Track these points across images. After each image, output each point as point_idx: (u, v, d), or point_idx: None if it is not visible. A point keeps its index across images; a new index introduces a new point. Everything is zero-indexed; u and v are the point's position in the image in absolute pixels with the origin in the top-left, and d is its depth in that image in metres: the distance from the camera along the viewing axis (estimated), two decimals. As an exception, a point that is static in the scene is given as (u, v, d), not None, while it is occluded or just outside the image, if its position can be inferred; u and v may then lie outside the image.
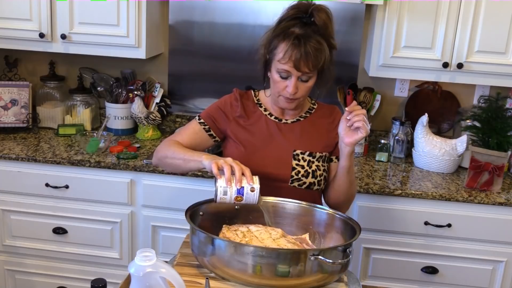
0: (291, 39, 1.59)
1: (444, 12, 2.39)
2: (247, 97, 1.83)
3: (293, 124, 1.79)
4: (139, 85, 2.80)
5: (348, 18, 2.76)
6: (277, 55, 1.63)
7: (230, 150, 1.78)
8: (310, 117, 1.81)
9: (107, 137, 2.56)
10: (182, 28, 2.87)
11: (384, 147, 2.65)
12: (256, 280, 1.29)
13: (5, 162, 2.46)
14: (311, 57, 1.58)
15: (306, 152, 1.74)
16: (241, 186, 1.44)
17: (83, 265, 2.57)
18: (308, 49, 1.58)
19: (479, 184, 2.34)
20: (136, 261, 1.15)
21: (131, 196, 2.45)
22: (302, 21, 1.63)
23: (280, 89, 1.67)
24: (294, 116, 1.80)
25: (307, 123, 1.80)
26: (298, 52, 1.58)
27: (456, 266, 2.37)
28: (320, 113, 1.83)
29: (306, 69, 1.60)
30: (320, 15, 1.62)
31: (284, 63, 1.61)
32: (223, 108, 1.80)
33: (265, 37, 1.71)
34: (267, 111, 1.80)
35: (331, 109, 1.85)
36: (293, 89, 1.63)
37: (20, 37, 2.61)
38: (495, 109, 2.44)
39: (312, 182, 1.73)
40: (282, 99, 1.70)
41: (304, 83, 1.65)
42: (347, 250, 1.33)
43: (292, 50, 1.59)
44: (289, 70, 1.62)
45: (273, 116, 1.79)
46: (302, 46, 1.58)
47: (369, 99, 2.70)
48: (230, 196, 1.44)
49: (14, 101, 2.78)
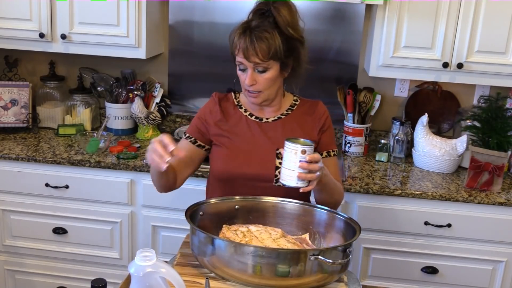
0: (239, 32, 1.63)
1: (444, 12, 2.39)
2: (226, 99, 1.83)
3: (275, 123, 1.78)
4: (139, 85, 2.81)
5: (348, 18, 2.76)
6: (235, 49, 1.67)
7: (215, 155, 1.79)
8: (292, 114, 1.80)
9: (107, 137, 2.56)
10: (182, 28, 2.87)
11: (384, 147, 2.65)
12: (256, 280, 1.29)
13: (5, 162, 2.46)
14: (257, 46, 1.60)
15: None
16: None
17: (83, 265, 2.57)
18: (253, 38, 1.60)
19: (479, 184, 2.34)
20: (136, 261, 1.15)
21: (131, 196, 2.45)
22: (263, 14, 1.65)
23: (242, 83, 1.70)
24: (275, 114, 1.80)
25: (289, 120, 1.79)
26: (244, 42, 1.61)
27: (456, 266, 2.37)
28: (302, 110, 1.82)
29: (256, 58, 1.61)
30: (278, 7, 1.64)
31: (237, 55, 1.65)
32: (204, 117, 1.81)
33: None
34: (247, 112, 1.80)
35: (314, 105, 1.83)
36: (249, 80, 1.65)
37: (20, 37, 2.61)
38: (495, 109, 2.44)
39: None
40: (247, 93, 1.72)
41: (261, 75, 1.65)
42: (347, 250, 1.33)
43: (239, 40, 1.62)
44: (242, 61, 1.65)
45: (253, 116, 1.79)
46: (247, 35, 1.61)
47: (369, 99, 2.70)
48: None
49: (14, 101, 2.78)
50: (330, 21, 2.78)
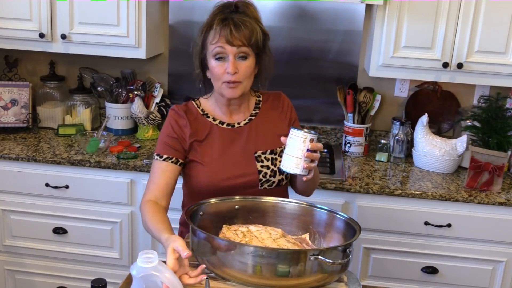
0: (216, 20, 1.60)
1: (444, 12, 2.39)
2: (189, 111, 1.73)
3: (246, 126, 1.74)
4: (139, 85, 2.81)
5: (348, 18, 2.76)
6: (209, 42, 1.62)
7: (194, 173, 1.70)
8: (260, 113, 1.76)
9: (107, 137, 2.56)
10: (182, 28, 2.87)
11: (384, 147, 2.65)
12: (256, 280, 1.29)
13: (5, 162, 2.46)
14: (241, 29, 1.58)
15: (267, 151, 1.71)
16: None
17: (83, 265, 2.57)
18: (236, 21, 1.58)
19: (479, 184, 2.34)
20: (138, 263, 1.15)
21: (131, 196, 2.45)
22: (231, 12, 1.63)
23: (220, 75, 1.61)
24: (244, 116, 1.75)
25: (259, 120, 1.75)
26: (227, 27, 1.57)
27: (456, 266, 2.37)
28: (267, 105, 1.79)
29: (239, 41, 1.58)
30: (244, 5, 1.63)
31: (216, 42, 1.59)
32: (176, 133, 1.69)
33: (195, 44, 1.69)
34: (216, 120, 1.73)
35: (277, 97, 1.81)
36: (232, 67, 1.58)
37: (20, 37, 2.61)
38: (495, 109, 2.44)
39: (281, 179, 1.71)
40: (224, 87, 1.62)
41: (243, 62, 1.61)
42: (347, 250, 1.33)
43: (221, 27, 1.58)
44: (223, 47, 1.58)
45: (224, 123, 1.72)
46: (229, 20, 1.58)
47: (369, 99, 2.70)
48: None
49: (14, 101, 2.78)
50: (330, 21, 2.78)
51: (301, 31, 2.79)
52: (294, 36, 2.81)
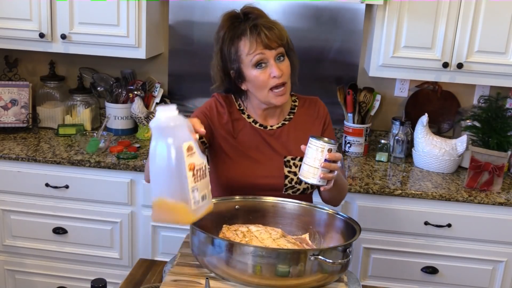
0: (248, 30, 1.59)
1: (444, 12, 2.39)
2: (230, 103, 1.74)
3: (279, 130, 1.73)
4: (139, 85, 2.81)
5: (348, 18, 2.76)
6: (243, 54, 1.60)
7: (220, 161, 1.71)
8: (294, 118, 1.75)
9: (107, 137, 2.56)
10: (182, 28, 2.87)
11: (384, 147, 2.65)
12: (256, 280, 1.29)
13: (5, 162, 2.46)
14: (275, 30, 1.58)
15: (297, 157, 1.70)
16: None
17: (83, 265, 2.57)
18: (267, 25, 1.58)
19: (479, 184, 2.34)
20: (157, 115, 1.13)
21: (131, 196, 2.45)
22: (243, 21, 1.62)
23: (265, 82, 1.60)
24: (278, 120, 1.74)
25: (292, 125, 1.74)
26: (261, 32, 1.57)
27: (456, 266, 2.37)
28: (303, 111, 1.77)
29: (275, 43, 1.58)
30: (253, 9, 1.63)
31: (254, 51, 1.58)
32: (210, 115, 1.71)
33: (215, 62, 1.69)
34: (250, 118, 1.73)
35: (313, 103, 1.80)
36: (277, 70, 1.58)
37: (20, 37, 2.61)
38: (495, 109, 2.44)
39: (306, 188, 1.70)
40: (272, 95, 1.62)
41: (282, 63, 1.62)
42: (347, 250, 1.33)
43: (255, 35, 1.58)
44: (262, 53, 1.58)
45: (257, 123, 1.72)
46: (260, 26, 1.58)
47: (369, 99, 2.70)
48: None
49: (14, 101, 2.78)
50: (330, 21, 2.78)
51: (301, 31, 2.79)
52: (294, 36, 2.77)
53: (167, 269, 1.40)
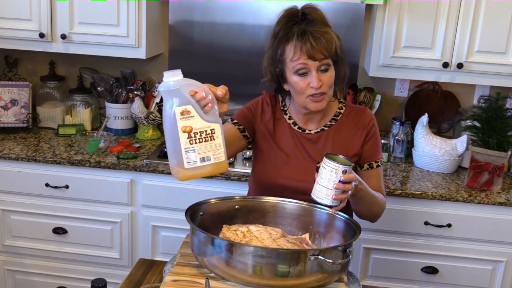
0: (295, 36, 1.57)
1: (444, 12, 2.39)
2: (276, 102, 1.77)
3: (317, 135, 1.71)
4: (139, 85, 2.81)
5: (348, 18, 2.76)
6: (287, 58, 1.60)
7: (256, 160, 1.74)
8: (335, 125, 1.72)
9: (107, 137, 2.56)
10: (182, 28, 2.87)
11: (384, 147, 2.65)
12: (256, 280, 1.29)
13: (5, 162, 2.46)
14: (322, 41, 1.55)
15: None
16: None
17: (83, 265, 2.57)
18: (315, 34, 1.55)
19: (479, 184, 2.34)
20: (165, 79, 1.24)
21: (131, 196, 2.45)
22: (297, 22, 1.62)
23: (303, 89, 1.60)
24: (318, 125, 1.73)
25: (332, 132, 1.71)
26: (307, 41, 1.55)
27: (456, 266, 2.37)
28: (347, 119, 1.74)
29: (321, 55, 1.56)
30: (312, 11, 1.62)
31: (297, 59, 1.57)
32: (254, 111, 1.75)
33: (267, 56, 1.68)
34: (291, 119, 1.74)
35: (360, 112, 1.75)
36: (317, 81, 1.56)
37: (20, 37, 2.61)
38: (495, 109, 2.44)
39: None
40: (309, 100, 1.61)
41: (325, 74, 1.59)
42: (347, 250, 1.33)
43: (301, 42, 1.56)
44: (305, 63, 1.56)
45: (297, 125, 1.73)
46: (308, 34, 1.55)
47: (369, 99, 2.70)
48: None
49: (14, 101, 2.78)
50: (330, 21, 2.76)
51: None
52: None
53: (167, 269, 1.39)
